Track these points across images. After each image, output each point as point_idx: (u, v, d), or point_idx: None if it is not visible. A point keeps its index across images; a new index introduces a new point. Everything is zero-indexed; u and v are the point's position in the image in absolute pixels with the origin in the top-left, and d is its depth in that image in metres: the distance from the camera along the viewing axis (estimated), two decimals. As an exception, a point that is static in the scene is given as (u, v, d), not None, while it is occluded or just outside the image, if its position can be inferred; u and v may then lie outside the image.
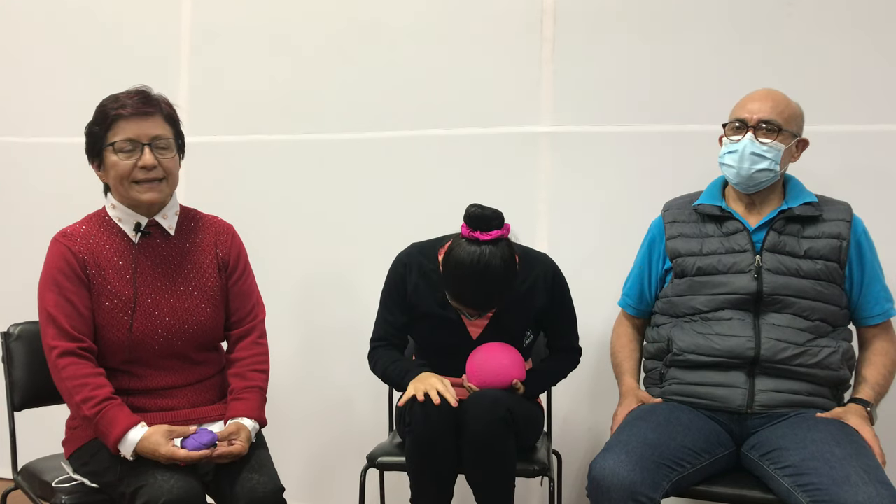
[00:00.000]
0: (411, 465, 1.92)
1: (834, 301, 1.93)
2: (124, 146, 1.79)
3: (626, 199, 2.50)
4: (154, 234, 1.89)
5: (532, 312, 2.05)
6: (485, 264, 1.79)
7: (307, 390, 2.78)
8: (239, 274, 1.98)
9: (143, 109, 1.81)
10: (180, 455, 1.66)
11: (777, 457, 1.75)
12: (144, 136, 1.80)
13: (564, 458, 2.47)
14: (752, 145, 1.93)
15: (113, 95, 1.84)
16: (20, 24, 3.08)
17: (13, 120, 3.08)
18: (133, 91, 1.85)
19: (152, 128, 1.81)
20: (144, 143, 1.80)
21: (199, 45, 2.90)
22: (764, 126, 1.92)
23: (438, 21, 2.68)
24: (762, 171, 1.93)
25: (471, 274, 1.81)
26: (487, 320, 2.04)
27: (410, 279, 2.06)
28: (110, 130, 1.80)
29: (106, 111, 1.81)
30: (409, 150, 2.69)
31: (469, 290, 1.85)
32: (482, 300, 1.88)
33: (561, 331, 2.13)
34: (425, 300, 2.04)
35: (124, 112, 1.79)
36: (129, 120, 1.79)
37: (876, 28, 2.35)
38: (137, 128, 1.80)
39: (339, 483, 2.77)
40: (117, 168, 1.80)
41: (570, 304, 2.12)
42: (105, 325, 1.80)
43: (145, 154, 1.79)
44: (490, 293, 1.85)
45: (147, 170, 1.80)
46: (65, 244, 1.81)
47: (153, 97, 1.85)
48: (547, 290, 2.05)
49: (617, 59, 2.53)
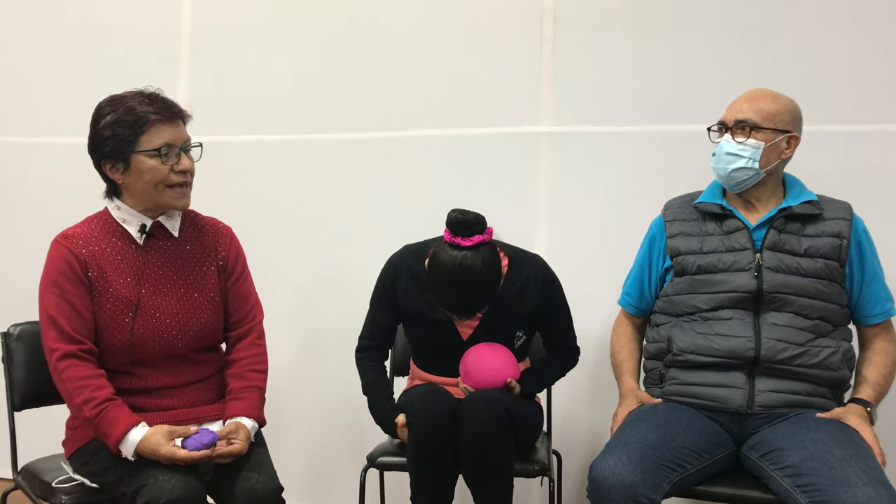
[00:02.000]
0: (412, 465, 1.92)
1: (834, 300, 1.93)
2: (164, 150, 1.78)
3: (626, 199, 2.50)
4: (157, 236, 1.89)
5: (523, 314, 2.05)
6: (466, 269, 1.82)
7: (307, 390, 2.78)
8: (237, 275, 1.98)
9: (173, 112, 1.81)
10: (181, 455, 1.66)
11: (777, 457, 1.75)
12: (180, 140, 1.81)
13: (564, 458, 2.47)
14: (727, 145, 1.96)
15: (132, 96, 1.80)
16: (20, 24, 3.08)
17: (13, 120, 3.08)
18: (147, 93, 1.82)
19: (184, 132, 1.83)
20: (180, 148, 1.80)
21: (199, 45, 2.90)
22: (740, 126, 1.95)
23: (438, 21, 2.68)
24: (739, 169, 1.95)
25: (453, 278, 1.84)
26: (477, 321, 2.04)
27: (400, 282, 2.08)
28: (143, 134, 1.77)
29: (135, 114, 1.77)
30: (409, 150, 2.69)
31: (453, 295, 1.88)
32: (465, 305, 1.90)
33: (556, 331, 2.14)
34: (415, 302, 2.06)
35: (156, 117, 1.77)
36: (164, 125, 1.78)
37: (876, 28, 2.35)
38: (173, 132, 1.80)
39: (339, 483, 2.77)
40: (153, 173, 1.78)
41: (563, 304, 2.13)
42: (106, 327, 1.80)
43: (183, 159, 1.80)
44: (473, 297, 1.88)
45: (184, 174, 1.81)
46: (66, 246, 1.81)
47: (171, 100, 1.84)
48: (537, 291, 2.05)
49: (617, 59, 2.53)
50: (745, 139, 1.94)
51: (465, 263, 1.82)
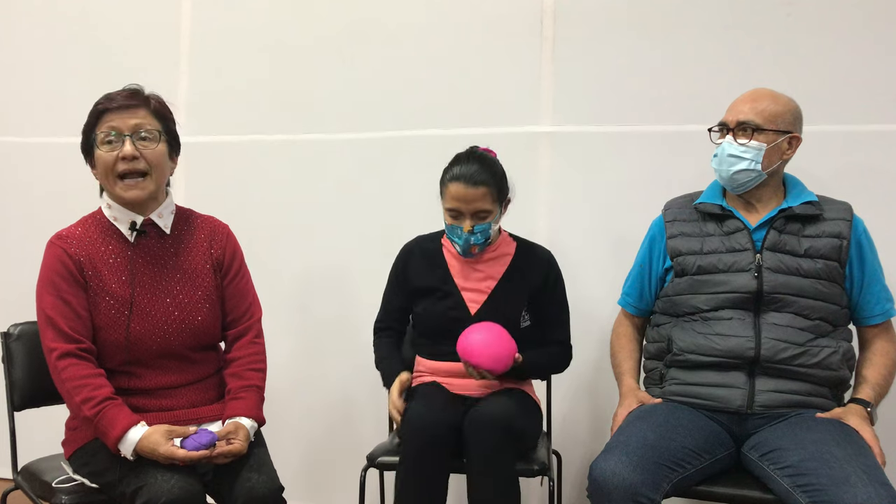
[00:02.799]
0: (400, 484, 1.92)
1: (834, 300, 1.93)
2: (106, 137, 1.79)
3: (626, 199, 2.50)
4: (150, 234, 1.89)
5: (527, 292, 2.12)
6: (474, 148, 2.12)
7: (306, 390, 2.78)
8: (234, 274, 1.98)
9: (128, 102, 1.81)
10: (179, 455, 1.66)
11: (777, 457, 1.75)
12: (126, 126, 1.79)
13: (564, 458, 2.47)
14: (729, 147, 1.95)
15: (106, 94, 1.84)
16: (20, 24, 3.08)
17: (13, 120, 3.08)
18: (124, 88, 1.85)
19: (135, 118, 1.81)
20: (126, 134, 1.79)
21: (199, 45, 2.90)
22: (741, 127, 1.94)
23: (438, 21, 2.68)
24: (741, 171, 1.95)
25: (465, 153, 2.10)
26: (486, 296, 2.09)
27: (412, 262, 2.20)
28: (97, 127, 1.80)
29: (94, 109, 1.82)
30: (408, 150, 2.69)
31: (462, 162, 2.06)
32: (468, 170, 2.03)
33: (552, 321, 2.17)
34: (425, 277, 2.16)
35: (110, 105, 1.80)
36: (114, 112, 1.80)
37: (876, 28, 2.35)
38: (120, 119, 1.79)
39: (338, 483, 2.77)
40: (101, 161, 1.80)
41: (563, 296, 2.19)
42: (103, 325, 1.80)
43: (125, 144, 1.78)
44: (479, 167, 2.03)
45: (128, 161, 1.78)
46: (60, 247, 1.81)
47: (142, 93, 1.85)
48: (543, 272, 2.15)
49: (617, 59, 2.53)
50: (748, 141, 1.94)
51: (474, 147, 2.13)
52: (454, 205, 2.04)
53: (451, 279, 2.14)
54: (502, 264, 2.15)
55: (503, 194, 2.09)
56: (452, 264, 2.16)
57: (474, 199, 2.02)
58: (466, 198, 2.02)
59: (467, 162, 2.05)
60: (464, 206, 2.03)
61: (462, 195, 2.02)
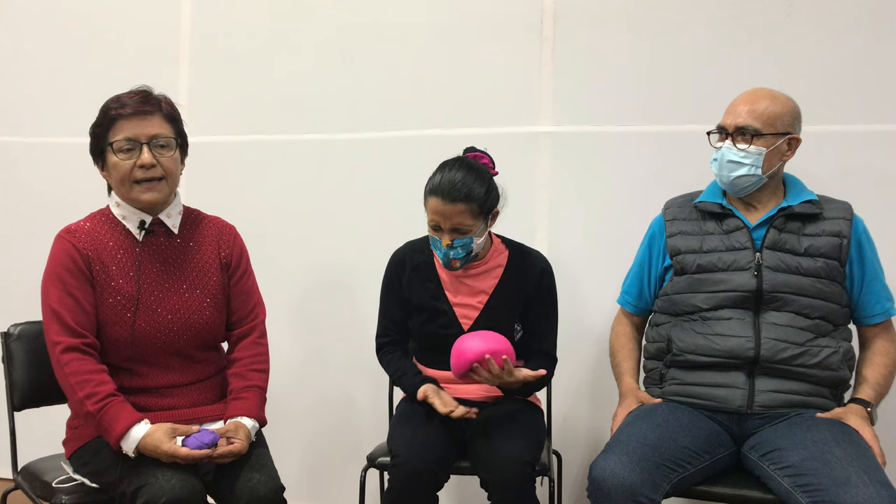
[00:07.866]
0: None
1: (834, 299, 1.93)
2: (123, 146, 1.80)
3: (626, 199, 2.50)
4: (158, 233, 1.89)
5: (520, 301, 2.08)
6: (457, 157, 2.04)
7: (308, 390, 2.78)
8: (240, 274, 1.98)
9: (143, 109, 1.81)
10: (182, 453, 1.66)
11: (777, 457, 1.75)
12: (143, 135, 1.81)
13: (564, 458, 2.47)
14: (729, 153, 1.95)
15: (115, 96, 1.85)
16: (21, 24, 3.08)
17: (13, 120, 3.08)
18: (134, 91, 1.86)
19: (151, 127, 1.82)
20: (143, 143, 1.80)
21: (199, 45, 2.90)
22: (741, 132, 1.94)
23: (438, 21, 2.68)
24: (742, 176, 1.95)
25: (451, 160, 2.02)
26: (478, 312, 2.06)
27: (405, 274, 2.12)
28: (110, 131, 1.81)
29: (107, 112, 1.82)
30: (409, 150, 2.69)
31: (445, 171, 1.98)
32: (449, 182, 1.95)
33: (540, 330, 2.11)
34: (417, 292, 2.10)
35: (124, 112, 1.80)
36: (129, 119, 1.80)
37: (876, 28, 2.35)
38: (136, 127, 1.81)
39: (339, 483, 2.77)
40: (118, 168, 1.81)
41: (553, 305, 2.13)
42: (108, 321, 1.80)
43: (143, 153, 1.80)
44: (462, 179, 1.95)
45: (145, 169, 1.80)
46: (69, 240, 1.82)
47: (154, 96, 1.86)
48: (535, 280, 2.09)
49: (617, 60, 2.53)
50: (747, 146, 1.93)
51: (459, 156, 2.04)
52: (433, 217, 1.98)
53: (444, 294, 2.09)
54: (494, 277, 2.09)
55: (487, 207, 1.99)
56: (444, 278, 2.10)
57: (452, 214, 1.94)
58: (444, 213, 1.95)
59: (451, 171, 1.96)
60: (442, 221, 1.96)
61: (440, 210, 1.95)
